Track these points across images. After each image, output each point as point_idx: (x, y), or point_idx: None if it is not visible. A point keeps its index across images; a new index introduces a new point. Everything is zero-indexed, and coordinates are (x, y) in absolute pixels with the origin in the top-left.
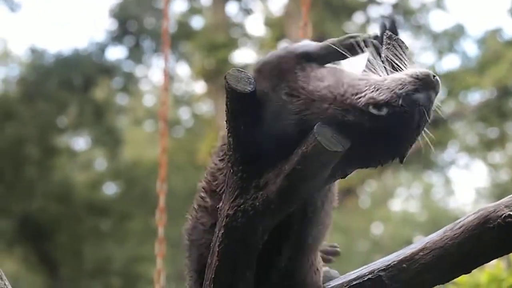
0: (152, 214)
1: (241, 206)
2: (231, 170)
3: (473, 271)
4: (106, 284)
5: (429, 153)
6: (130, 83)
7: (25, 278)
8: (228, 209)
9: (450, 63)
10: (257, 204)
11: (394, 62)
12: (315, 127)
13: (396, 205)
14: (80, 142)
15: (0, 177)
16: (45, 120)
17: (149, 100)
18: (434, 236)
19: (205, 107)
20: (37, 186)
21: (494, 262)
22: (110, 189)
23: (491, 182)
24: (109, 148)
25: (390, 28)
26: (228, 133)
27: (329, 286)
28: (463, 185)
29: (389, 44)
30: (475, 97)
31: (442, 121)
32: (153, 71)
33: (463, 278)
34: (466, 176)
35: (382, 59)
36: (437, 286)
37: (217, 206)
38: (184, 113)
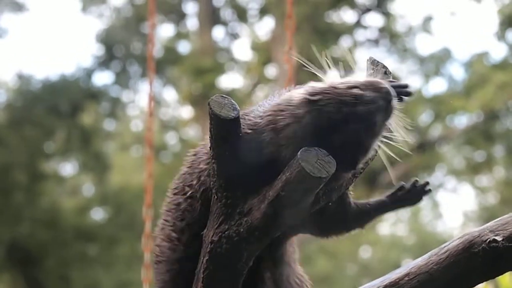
0: (139, 239)
1: (226, 232)
2: (215, 196)
3: None
4: None
5: (417, 177)
6: (117, 108)
7: None
8: (212, 235)
9: (437, 86)
10: (242, 230)
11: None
12: (299, 152)
13: (385, 228)
14: (68, 168)
15: None
16: (32, 145)
17: (136, 125)
18: (419, 260)
19: (192, 132)
20: (25, 212)
21: (481, 285)
22: (98, 214)
23: (479, 205)
24: (96, 174)
25: None
26: (212, 159)
27: None
28: (451, 209)
29: (372, 69)
30: (462, 121)
31: (429, 145)
32: (140, 96)
33: None
34: (453, 199)
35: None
36: None
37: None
38: (171, 138)
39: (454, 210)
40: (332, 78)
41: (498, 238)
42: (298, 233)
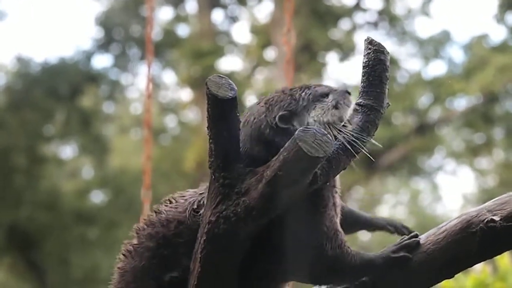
0: (138, 222)
1: (223, 213)
2: (213, 176)
3: (459, 276)
4: None
5: (416, 159)
6: (116, 91)
7: (13, 286)
8: (210, 216)
9: (436, 69)
10: (239, 210)
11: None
12: (297, 132)
13: (384, 211)
14: (67, 151)
15: None
16: (32, 128)
17: (135, 108)
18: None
19: (192, 115)
20: (25, 195)
21: (480, 267)
22: (97, 197)
23: (478, 187)
24: (96, 156)
25: None
26: (209, 139)
27: None
28: (450, 191)
29: (369, 49)
30: (461, 103)
31: (429, 127)
32: (139, 79)
33: (448, 283)
34: (453, 182)
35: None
36: None
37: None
38: (170, 121)
39: (454, 192)
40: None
41: (496, 218)
42: (290, 280)
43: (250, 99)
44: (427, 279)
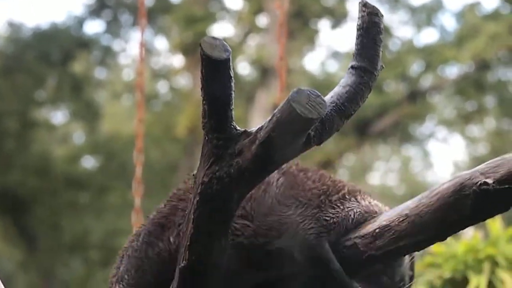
0: (130, 187)
1: (216, 174)
2: (206, 138)
3: (450, 241)
4: (85, 257)
5: (408, 126)
6: (108, 57)
7: (4, 251)
8: (203, 177)
9: (428, 37)
10: (232, 171)
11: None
12: (290, 93)
13: (375, 178)
14: (59, 116)
15: None
16: (23, 93)
17: (127, 74)
18: (410, 203)
19: (183, 81)
20: (16, 159)
21: (471, 232)
22: (89, 162)
23: (469, 155)
24: (87, 122)
25: None
26: (203, 100)
27: None
28: (442, 158)
29: (363, 11)
30: (453, 71)
31: (420, 95)
32: (131, 45)
33: (440, 248)
34: (444, 149)
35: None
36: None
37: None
38: (162, 87)
39: (445, 160)
40: None
41: (489, 181)
42: None
43: (242, 65)
44: (420, 242)
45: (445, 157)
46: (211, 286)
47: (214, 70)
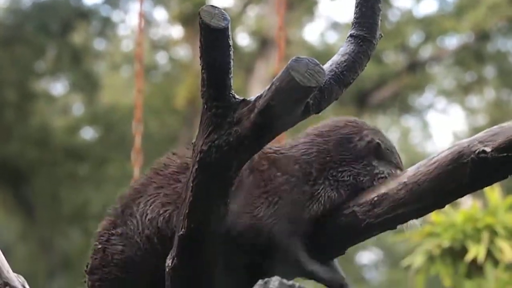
0: (129, 158)
1: (215, 142)
2: (205, 106)
3: (449, 211)
4: (84, 228)
5: (407, 97)
6: (107, 28)
7: (3, 222)
8: (202, 145)
9: (428, 7)
10: (231, 139)
11: None
12: (289, 62)
13: None
14: (58, 87)
15: None
16: (23, 64)
17: (126, 45)
18: (408, 172)
19: (183, 52)
20: (15, 131)
21: (470, 202)
22: (88, 133)
23: (469, 126)
24: (86, 93)
25: None
26: (202, 69)
27: None
28: (441, 129)
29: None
30: (452, 42)
31: (420, 65)
32: (130, 16)
33: (439, 218)
34: (443, 120)
35: None
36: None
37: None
38: (161, 58)
39: (444, 130)
40: None
41: (487, 149)
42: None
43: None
44: (418, 209)
45: (444, 127)
46: (210, 253)
47: (213, 38)
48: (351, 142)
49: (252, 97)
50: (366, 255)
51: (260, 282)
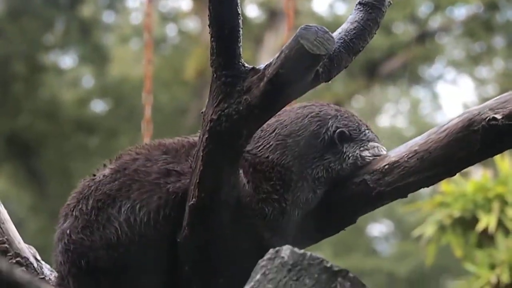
0: (138, 131)
1: (225, 111)
2: (214, 75)
3: (460, 180)
4: None
5: (417, 68)
6: (116, 0)
7: (14, 196)
8: (212, 114)
9: None
10: (241, 108)
11: None
12: (299, 30)
13: (384, 120)
14: (67, 60)
15: None
16: (31, 37)
17: (135, 18)
18: (419, 139)
19: (192, 24)
20: (24, 103)
21: (480, 171)
22: (98, 106)
23: (478, 96)
24: (96, 66)
25: None
26: (211, 37)
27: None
28: (451, 100)
29: None
30: (461, 12)
31: (429, 36)
32: None
33: (449, 188)
34: (453, 91)
35: None
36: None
37: None
38: (170, 30)
39: (454, 101)
40: None
41: (498, 116)
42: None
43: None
44: (428, 177)
45: (454, 98)
46: (221, 223)
47: (222, 6)
48: (319, 138)
49: (261, 65)
50: (377, 227)
51: (271, 251)
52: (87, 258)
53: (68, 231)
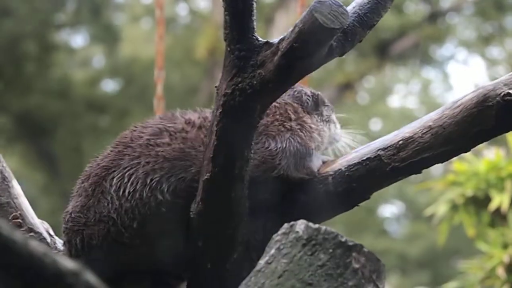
0: (150, 110)
1: (239, 85)
2: (228, 49)
3: (473, 159)
4: None
5: (428, 48)
6: None
7: (26, 176)
8: (225, 88)
9: None
10: (255, 82)
11: None
12: (313, 3)
13: (395, 101)
14: (78, 39)
15: None
16: (43, 16)
17: None
18: (433, 115)
19: (203, 3)
20: (36, 83)
21: (493, 150)
22: (109, 85)
23: (489, 77)
24: (107, 45)
25: None
26: (224, 11)
27: (328, 170)
28: (462, 80)
29: None
30: None
31: (440, 16)
32: None
33: (462, 167)
34: (464, 71)
35: None
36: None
37: None
38: (181, 10)
39: (465, 82)
40: None
41: None
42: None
43: None
44: (443, 153)
45: (465, 79)
46: (235, 197)
47: None
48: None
49: (275, 39)
50: (388, 208)
51: (286, 225)
52: (82, 236)
53: (70, 211)
